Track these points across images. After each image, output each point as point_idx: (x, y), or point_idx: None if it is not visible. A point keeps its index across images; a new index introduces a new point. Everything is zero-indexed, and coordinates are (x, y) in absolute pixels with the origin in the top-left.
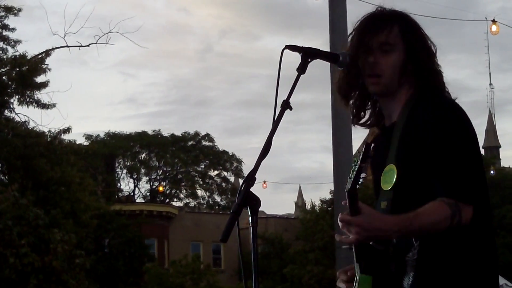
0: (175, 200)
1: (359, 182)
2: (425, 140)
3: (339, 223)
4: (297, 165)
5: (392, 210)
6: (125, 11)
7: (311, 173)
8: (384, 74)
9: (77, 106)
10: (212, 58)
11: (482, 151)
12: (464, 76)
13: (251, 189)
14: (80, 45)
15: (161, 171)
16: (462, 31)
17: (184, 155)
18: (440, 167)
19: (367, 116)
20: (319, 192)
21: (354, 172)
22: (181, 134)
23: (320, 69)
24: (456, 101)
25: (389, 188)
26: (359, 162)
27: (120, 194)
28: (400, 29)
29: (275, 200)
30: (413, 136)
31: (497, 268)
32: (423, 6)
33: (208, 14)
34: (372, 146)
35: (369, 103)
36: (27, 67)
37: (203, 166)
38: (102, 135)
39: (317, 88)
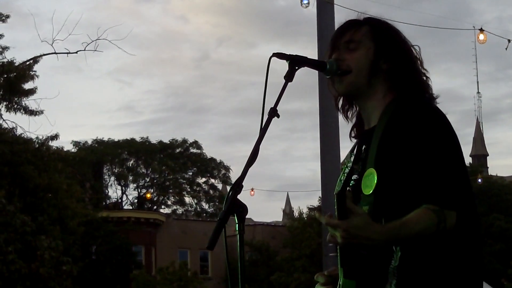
0: (162, 207)
1: (350, 184)
2: (406, 145)
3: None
4: (291, 172)
5: (374, 214)
6: (122, 19)
7: (304, 181)
8: (351, 70)
9: (73, 114)
10: (209, 66)
11: (470, 160)
12: (457, 85)
13: (238, 197)
14: (68, 51)
15: (149, 178)
16: (457, 40)
17: (172, 162)
18: (423, 174)
19: (352, 125)
20: (311, 200)
21: (345, 174)
22: (169, 141)
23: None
24: (449, 109)
25: (370, 192)
26: (351, 164)
27: (107, 201)
28: (370, 29)
29: (264, 208)
30: (393, 140)
31: (481, 274)
32: (418, 17)
33: (206, 22)
34: (363, 148)
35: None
36: (14, 73)
37: (190, 173)
38: (90, 142)
39: (315, 97)
